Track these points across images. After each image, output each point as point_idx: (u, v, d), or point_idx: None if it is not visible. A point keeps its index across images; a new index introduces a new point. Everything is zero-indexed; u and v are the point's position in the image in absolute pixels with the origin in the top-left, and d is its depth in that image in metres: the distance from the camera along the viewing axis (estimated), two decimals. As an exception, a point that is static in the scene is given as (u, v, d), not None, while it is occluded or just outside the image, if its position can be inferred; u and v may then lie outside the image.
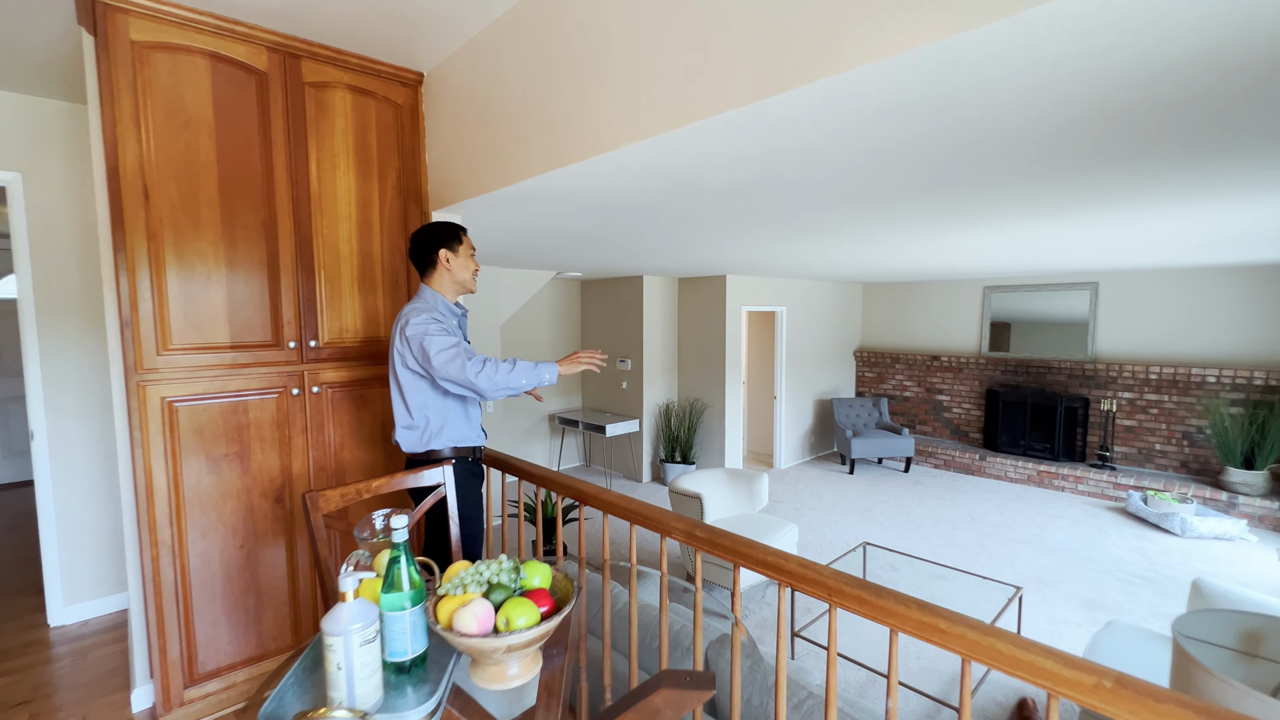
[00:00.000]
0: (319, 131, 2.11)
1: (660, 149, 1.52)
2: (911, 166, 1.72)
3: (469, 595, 1.06)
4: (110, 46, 1.72)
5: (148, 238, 1.80)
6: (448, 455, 1.91)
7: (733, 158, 1.62)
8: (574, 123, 1.65)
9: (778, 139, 1.46)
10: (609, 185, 1.92)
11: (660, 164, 1.67)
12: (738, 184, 1.92)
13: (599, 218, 2.53)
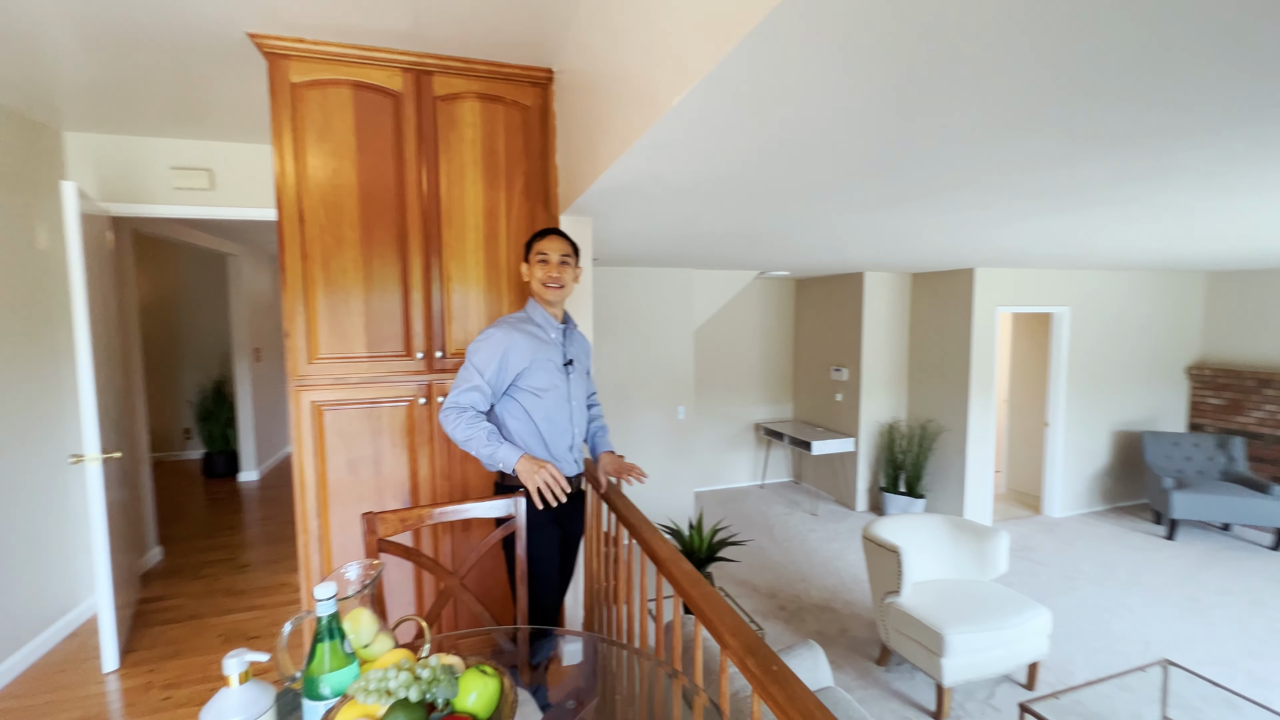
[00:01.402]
0: (448, 144, 2.13)
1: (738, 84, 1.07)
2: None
3: (362, 709, 0.82)
4: (275, 91, 1.95)
5: (302, 258, 2.01)
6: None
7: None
8: (635, 81, 1.29)
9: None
10: (692, 160, 1.50)
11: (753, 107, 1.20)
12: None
13: (714, 204, 2.09)
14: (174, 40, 1.93)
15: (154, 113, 2.60)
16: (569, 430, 1.81)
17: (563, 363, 1.79)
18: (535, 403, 1.73)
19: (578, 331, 1.93)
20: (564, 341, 1.82)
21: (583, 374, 1.90)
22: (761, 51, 0.89)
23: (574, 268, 1.80)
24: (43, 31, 1.88)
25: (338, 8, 1.76)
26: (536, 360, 1.72)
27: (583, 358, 1.93)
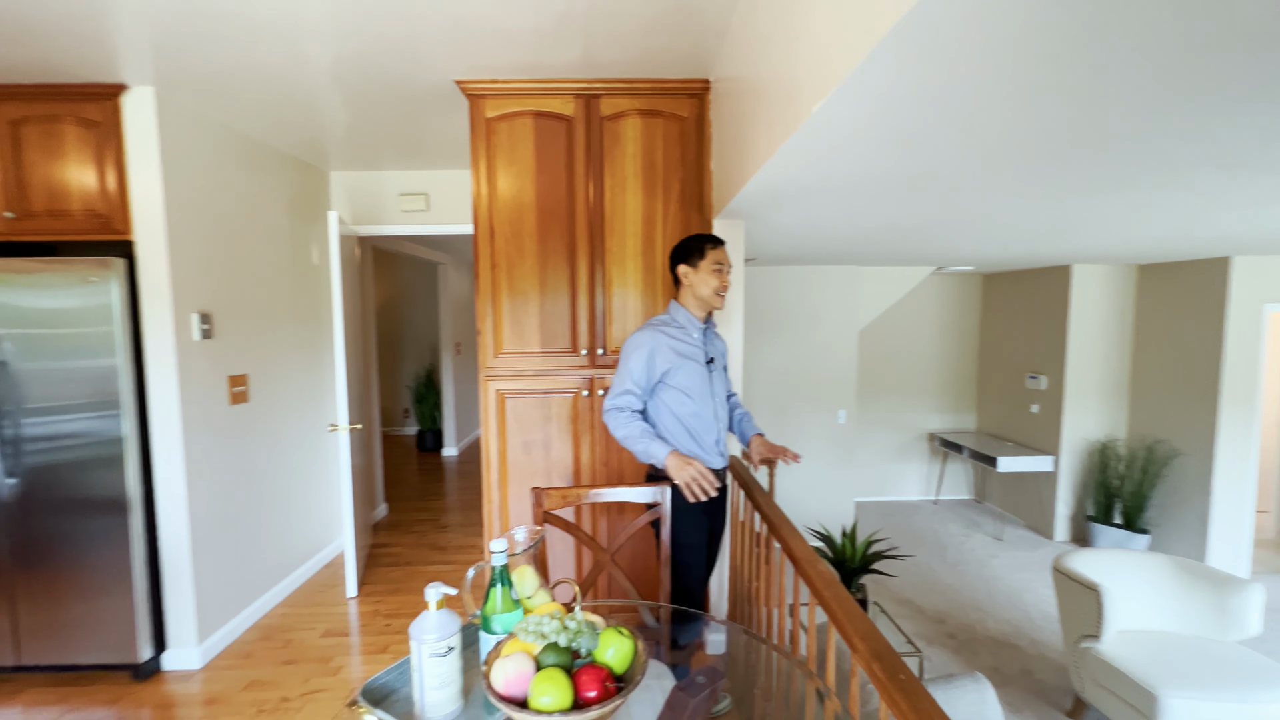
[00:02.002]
0: (612, 159, 2.32)
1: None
2: None
3: (524, 645, 0.98)
4: (475, 126, 2.31)
5: (491, 267, 2.35)
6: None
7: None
8: (777, 83, 1.32)
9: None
10: (835, 159, 1.46)
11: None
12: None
13: (881, 199, 1.98)
14: (404, 93, 2.38)
15: (387, 151, 3.21)
16: (714, 426, 1.89)
17: (705, 361, 1.87)
18: (681, 400, 1.83)
19: (716, 331, 2.01)
20: (704, 341, 1.90)
21: (721, 371, 1.97)
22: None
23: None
24: (320, 98, 2.44)
25: (522, 47, 2.03)
26: (681, 361, 1.82)
27: (722, 356, 2.00)
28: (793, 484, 4.59)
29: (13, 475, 2.32)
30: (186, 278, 2.45)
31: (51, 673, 2.42)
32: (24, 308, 2.28)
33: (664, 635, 1.60)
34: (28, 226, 2.33)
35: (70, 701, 2.27)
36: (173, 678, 2.42)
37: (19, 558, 2.34)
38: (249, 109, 2.56)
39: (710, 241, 1.86)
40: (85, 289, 2.28)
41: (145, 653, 2.40)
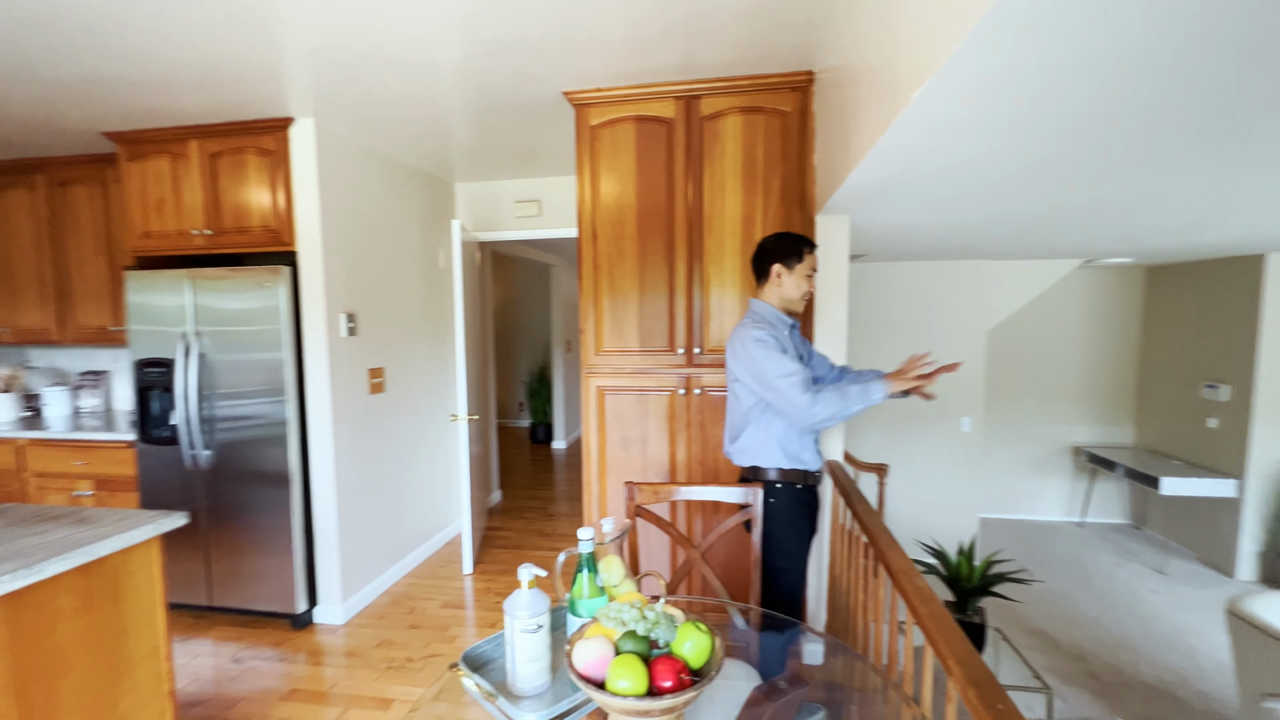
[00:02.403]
0: (711, 158, 2.32)
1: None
2: None
3: (605, 630, 1.03)
4: (580, 133, 2.42)
5: (594, 268, 2.45)
6: (772, 476, 1.80)
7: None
8: (876, 68, 1.25)
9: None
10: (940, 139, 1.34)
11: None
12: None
13: (1010, 186, 1.79)
14: (518, 108, 2.55)
15: (504, 162, 3.45)
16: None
17: (797, 357, 1.81)
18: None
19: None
20: (793, 339, 1.87)
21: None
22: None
23: None
24: (447, 119, 2.68)
25: (625, 56, 2.09)
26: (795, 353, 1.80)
27: (809, 356, 1.96)
28: (907, 494, 4.30)
29: (209, 448, 2.80)
30: (336, 282, 2.80)
31: (232, 614, 2.88)
32: (217, 309, 2.73)
33: (753, 639, 1.58)
34: (220, 241, 2.79)
35: (245, 640, 2.70)
36: (321, 630, 2.79)
37: (212, 517, 2.82)
38: (388, 132, 2.87)
39: (809, 245, 1.84)
40: (261, 293, 2.69)
41: (301, 605, 2.78)
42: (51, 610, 1.40)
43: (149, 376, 2.81)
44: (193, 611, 2.91)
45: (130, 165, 2.84)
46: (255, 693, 2.32)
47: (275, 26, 1.86)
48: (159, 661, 1.66)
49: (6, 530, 1.55)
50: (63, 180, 3.27)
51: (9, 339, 3.45)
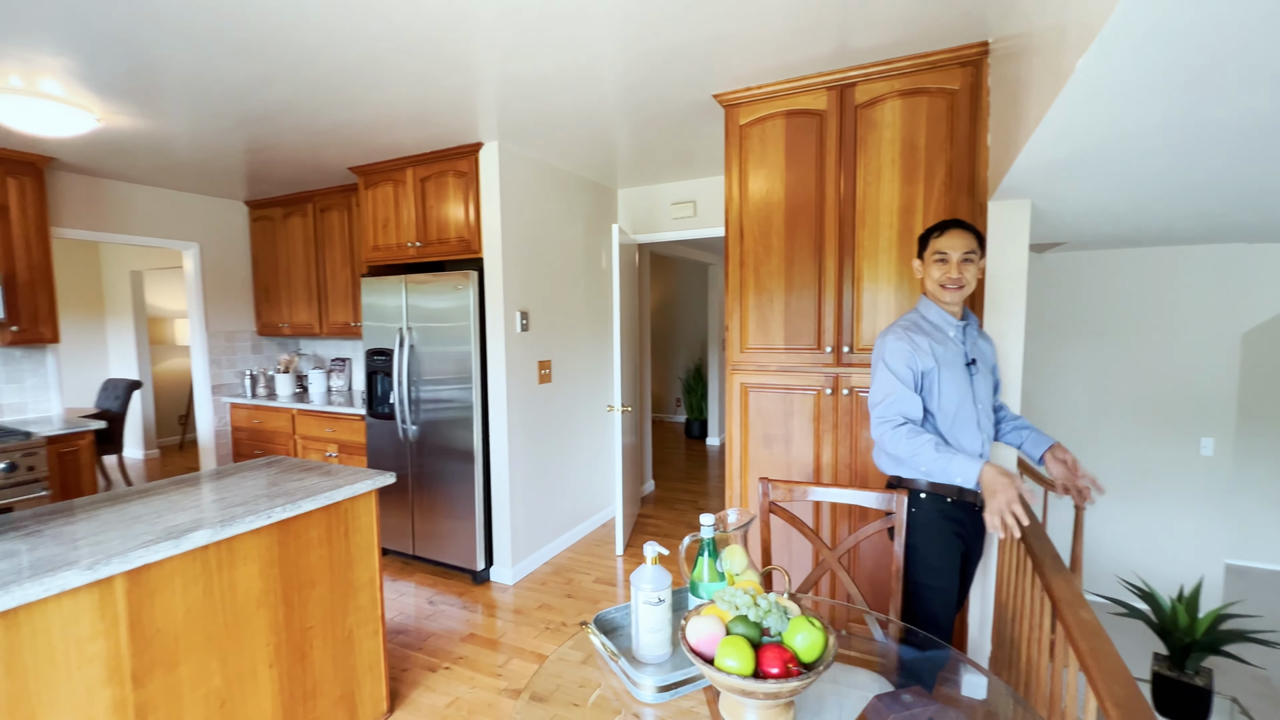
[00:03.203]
0: (865, 148, 2.21)
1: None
2: None
3: (719, 611, 1.08)
4: (729, 133, 2.46)
5: (740, 266, 2.48)
6: (920, 485, 1.69)
7: None
8: (1045, 30, 1.12)
9: None
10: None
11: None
12: None
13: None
14: (672, 113, 2.67)
15: (661, 166, 3.61)
16: (976, 435, 1.64)
17: (965, 363, 1.65)
18: (940, 406, 1.61)
19: (979, 330, 1.75)
20: (964, 340, 1.67)
21: (987, 374, 1.71)
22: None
23: (978, 263, 1.62)
24: (609, 129, 2.90)
25: (775, 51, 2.08)
26: (940, 362, 1.61)
27: (987, 357, 1.73)
28: (1117, 525, 3.62)
29: (415, 424, 3.36)
30: (513, 283, 3.18)
31: (429, 564, 3.43)
32: (423, 308, 3.27)
33: (892, 652, 1.51)
34: (426, 251, 3.33)
35: (438, 588, 3.20)
36: (495, 587, 3.20)
37: (416, 482, 3.39)
38: (557, 147, 3.18)
39: (936, 229, 1.66)
40: (455, 294, 3.16)
41: (480, 564, 3.22)
42: (306, 538, 1.83)
43: (375, 363, 3.46)
44: (401, 558, 3.53)
45: (366, 192, 3.52)
46: (443, 631, 2.75)
47: (471, 68, 2.19)
48: (374, 590, 2.07)
49: (279, 475, 2.06)
50: (323, 207, 4.15)
51: (288, 332, 4.47)
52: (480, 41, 1.99)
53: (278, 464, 2.22)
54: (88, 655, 1.34)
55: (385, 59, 2.12)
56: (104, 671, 1.36)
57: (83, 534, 1.51)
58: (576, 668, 1.29)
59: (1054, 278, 3.69)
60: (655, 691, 1.13)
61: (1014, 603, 1.77)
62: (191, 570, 1.53)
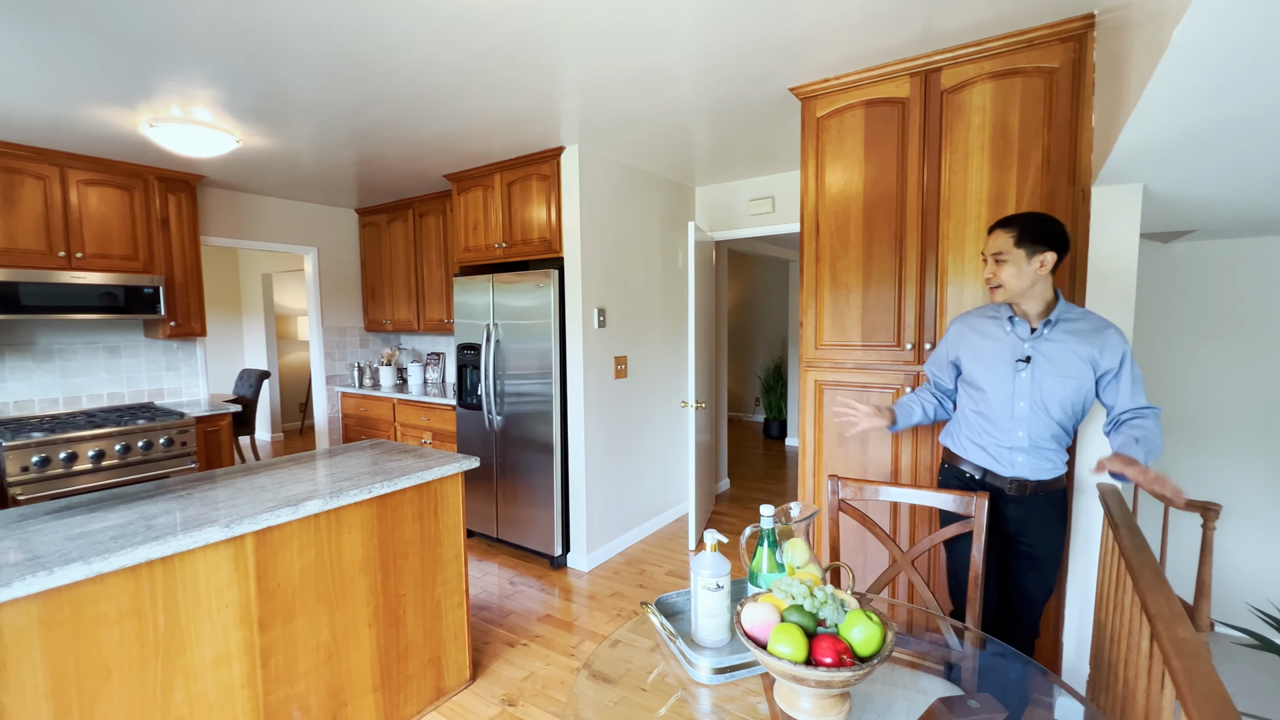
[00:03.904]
0: (952, 135, 2.11)
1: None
2: None
3: (774, 599, 1.09)
4: (805, 127, 2.42)
5: (815, 261, 2.43)
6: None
7: None
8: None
9: None
10: None
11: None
12: None
13: None
14: (748, 109, 2.67)
15: (738, 162, 3.59)
16: (1010, 429, 1.67)
17: (1016, 358, 1.65)
18: (974, 396, 1.75)
19: (1079, 326, 1.62)
20: (1032, 338, 1.64)
21: (1059, 376, 1.60)
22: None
23: (1015, 262, 1.60)
24: (686, 127, 2.94)
25: (854, 40, 2.03)
26: (977, 353, 1.73)
27: (1067, 360, 1.60)
28: (1258, 549, 3.19)
29: (500, 415, 3.57)
30: (591, 281, 3.30)
31: (511, 547, 3.63)
32: (508, 306, 3.46)
33: (970, 661, 1.44)
34: (511, 251, 3.52)
35: (518, 570, 3.38)
36: (571, 572, 3.33)
37: (500, 470, 3.59)
38: (635, 146, 3.26)
39: (990, 230, 1.71)
40: (537, 292, 3.32)
41: (558, 550, 3.37)
42: (400, 513, 2.02)
43: (465, 357, 3.70)
44: (486, 540, 3.76)
45: (459, 197, 3.77)
46: (522, 610, 2.91)
47: (554, 75, 2.31)
48: (459, 565, 2.24)
49: (381, 456, 2.27)
50: (421, 212, 4.49)
51: (390, 328, 4.87)
52: (562, 50, 2.10)
53: (379, 446, 2.45)
54: (225, 600, 1.56)
55: (476, 73, 2.28)
56: (237, 616, 1.58)
57: (222, 498, 1.75)
58: (645, 654, 1.33)
59: (1184, 270, 3.31)
60: (711, 673, 1.16)
61: (1112, 621, 1.63)
62: (306, 535, 1.74)
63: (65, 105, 2.55)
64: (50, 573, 1.24)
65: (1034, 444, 1.65)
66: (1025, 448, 1.65)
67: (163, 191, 3.58)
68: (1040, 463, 1.66)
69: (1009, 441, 1.67)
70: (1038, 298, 1.63)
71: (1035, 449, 1.65)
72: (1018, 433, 1.66)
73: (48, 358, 3.45)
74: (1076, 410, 1.63)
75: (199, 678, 1.51)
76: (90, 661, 1.33)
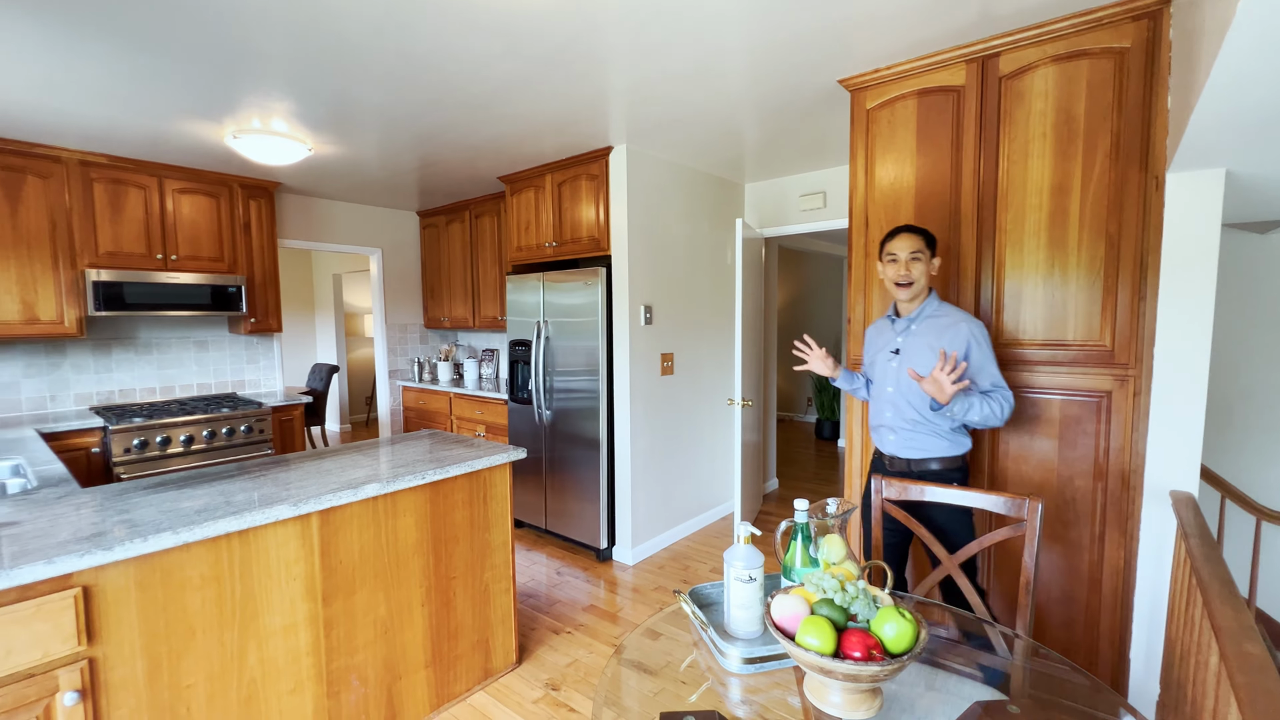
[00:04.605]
0: (1010, 123, 2.02)
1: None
2: None
3: (805, 593, 1.09)
4: (855, 119, 2.37)
5: (865, 256, 2.38)
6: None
7: None
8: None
9: None
10: None
11: None
12: None
13: None
14: (797, 103, 2.64)
15: (787, 158, 3.54)
16: (880, 410, 1.99)
17: (890, 350, 1.95)
18: (873, 382, 2.06)
19: (939, 321, 1.87)
20: (903, 331, 1.93)
21: (919, 365, 1.84)
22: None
23: (926, 262, 1.86)
24: (734, 124, 2.93)
25: (906, 27, 1.98)
26: (871, 347, 2.07)
27: (921, 351, 1.86)
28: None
29: (549, 410, 3.66)
30: (638, 279, 3.34)
31: (559, 539, 3.72)
32: (557, 303, 3.55)
33: (1017, 669, 1.39)
34: (561, 250, 3.61)
35: (564, 560, 3.47)
36: (616, 565, 3.39)
37: (549, 463, 3.69)
38: (682, 144, 3.27)
39: (887, 236, 1.91)
40: (585, 290, 3.39)
41: (604, 543, 3.43)
42: (452, 500, 2.12)
43: (517, 353, 3.82)
44: (534, 531, 3.86)
45: (512, 198, 3.90)
46: (567, 599, 2.98)
47: (601, 76, 2.36)
48: (507, 552, 2.32)
49: (435, 445, 2.39)
50: (477, 214, 4.65)
51: (447, 325, 5.08)
52: (610, 50, 2.14)
53: (435, 436, 2.58)
54: (292, 574, 1.69)
55: (527, 77, 2.36)
56: (303, 588, 1.71)
57: (292, 480, 1.89)
58: (687, 648, 1.34)
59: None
60: (741, 663, 1.17)
61: (1183, 638, 1.53)
62: (365, 516, 1.86)
63: (163, 121, 2.81)
64: (145, 540, 1.39)
65: (901, 424, 1.90)
66: (894, 427, 1.92)
67: (245, 198, 3.87)
68: (909, 441, 1.89)
69: (880, 420, 1.98)
70: (921, 295, 1.89)
71: (903, 429, 1.90)
72: (886, 413, 1.95)
73: (147, 350, 3.80)
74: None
75: (269, 643, 1.64)
76: (177, 622, 1.48)
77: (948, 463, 1.86)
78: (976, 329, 1.80)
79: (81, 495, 1.73)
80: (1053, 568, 2.04)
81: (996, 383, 1.79)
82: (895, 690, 1.12)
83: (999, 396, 1.75)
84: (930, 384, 1.68)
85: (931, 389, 1.68)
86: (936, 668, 1.25)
